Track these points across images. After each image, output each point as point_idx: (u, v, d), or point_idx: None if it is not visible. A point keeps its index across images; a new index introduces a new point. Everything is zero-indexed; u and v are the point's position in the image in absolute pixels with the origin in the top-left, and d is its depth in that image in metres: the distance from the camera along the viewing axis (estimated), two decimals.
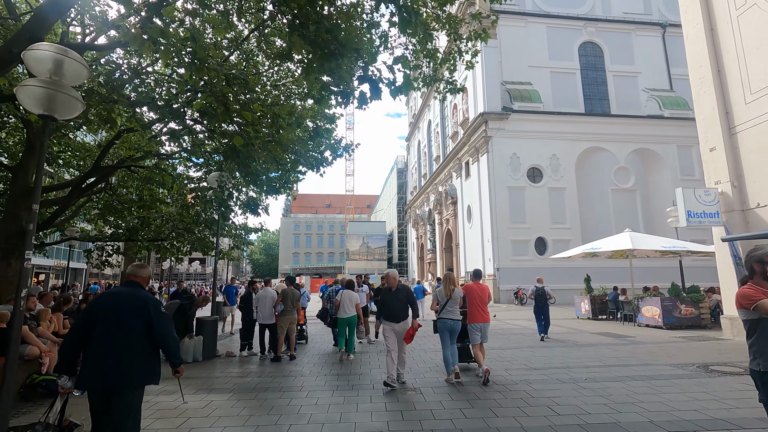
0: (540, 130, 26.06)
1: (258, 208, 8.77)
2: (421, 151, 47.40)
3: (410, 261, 53.50)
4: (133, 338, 2.92)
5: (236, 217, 15.89)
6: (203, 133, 8.55)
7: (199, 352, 7.95)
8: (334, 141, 12.09)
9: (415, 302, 5.95)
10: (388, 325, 5.83)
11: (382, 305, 5.91)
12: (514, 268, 24.32)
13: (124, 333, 2.89)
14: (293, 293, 8.03)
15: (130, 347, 2.88)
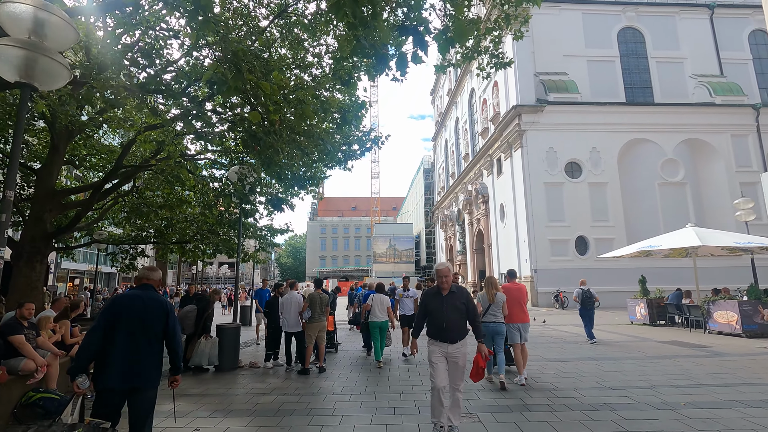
0: (578, 122, 24.45)
1: (282, 203, 7.97)
2: (448, 150, 46.14)
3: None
4: (153, 339, 3.09)
5: (261, 219, 15.29)
6: (216, 113, 7.80)
7: (215, 356, 7.17)
8: (363, 133, 11.22)
9: (477, 314, 4.25)
10: (436, 347, 4.04)
11: (427, 315, 4.23)
12: (553, 270, 22.78)
13: (146, 334, 3.06)
14: (321, 298, 7.14)
15: (150, 347, 3.06)
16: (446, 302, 4.08)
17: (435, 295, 4.20)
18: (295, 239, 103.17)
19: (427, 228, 57.01)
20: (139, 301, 3.12)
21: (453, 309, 4.04)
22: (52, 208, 10.10)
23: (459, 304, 4.07)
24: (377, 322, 7.78)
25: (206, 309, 7.32)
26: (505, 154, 26.80)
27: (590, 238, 23.47)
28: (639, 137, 24.72)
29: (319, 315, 7.07)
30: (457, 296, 4.15)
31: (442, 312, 4.04)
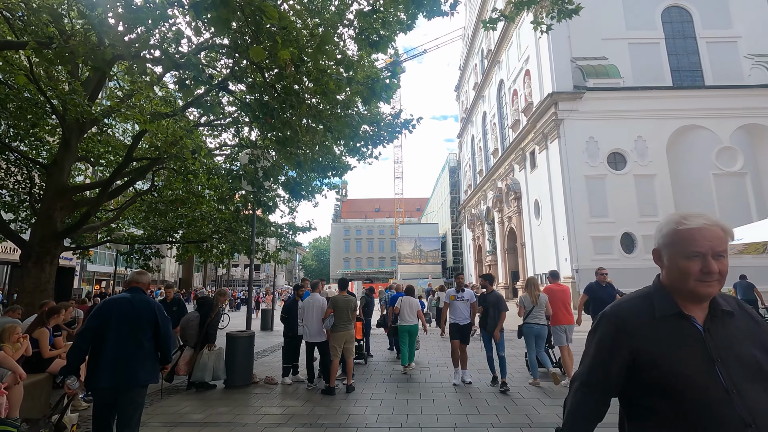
0: (621, 109, 22.50)
1: (299, 188, 6.83)
2: (475, 146, 44.43)
3: (466, 264, 50.38)
4: (144, 340, 3.22)
5: (283, 217, 14.25)
6: (224, 88, 6.73)
7: (221, 370, 6.07)
8: (392, 114, 10.01)
9: None
10: None
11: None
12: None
13: (135, 335, 3.18)
14: (347, 302, 5.93)
15: (139, 347, 3.18)
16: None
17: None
18: (319, 241, 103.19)
19: (454, 228, 55.31)
20: (128, 303, 3.24)
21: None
22: (63, 206, 9.44)
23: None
24: (406, 326, 7.35)
25: (208, 315, 6.23)
26: (539, 147, 25.06)
27: (637, 234, 21.48)
28: (690, 124, 22.54)
29: (345, 322, 5.87)
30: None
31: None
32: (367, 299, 9.22)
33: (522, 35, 28.30)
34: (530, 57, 26.56)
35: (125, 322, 3.15)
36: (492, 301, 5.85)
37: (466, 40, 48.74)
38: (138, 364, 3.12)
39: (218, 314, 6.29)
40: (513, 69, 30.36)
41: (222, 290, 6.60)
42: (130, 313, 3.18)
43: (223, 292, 6.61)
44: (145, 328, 3.21)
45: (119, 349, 3.09)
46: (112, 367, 3.03)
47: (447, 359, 7.30)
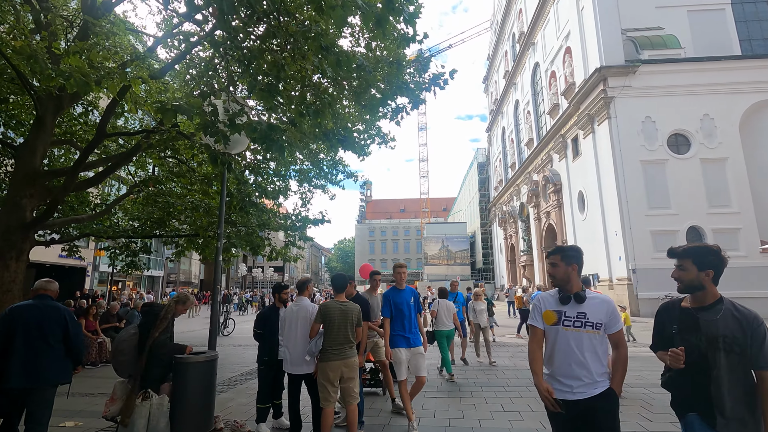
0: (683, 84, 19.41)
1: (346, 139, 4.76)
2: (506, 138, 41.50)
3: (497, 265, 47.33)
4: (53, 342, 3.38)
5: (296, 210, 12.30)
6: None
7: (165, 427, 3.92)
8: (418, 61, 7.89)
9: None
10: None
11: None
12: (658, 270, 17.86)
13: (44, 338, 3.34)
14: (345, 312, 3.72)
15: (50, 350, 3.35)
16: None
17: None
18: (344, 243, 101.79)
19: (483, 227, 52.33)
20: (36, 309, 3.39)
21: None
22: (34, 193, 7.73)
23: None
24: (445, 331, 7.18)
25: (148, 330, 4.10)
26: (584, 131, 22.17)
27: (706, 228, 18.33)
28: None
29: (342, 346, 3.64)
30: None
31: None
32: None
33: (561, 10, 25.48)
34: (571, 33, 23.73)
35: (34, 327, 3.32)
36: None
37: (494, 27, 45.92)
38: (48, 364, 3.31)
39: (167, 331, 4.18)
40: (550, 49, 27.52)
41: (182, 295, 4.47)
42: (38, 317, 3.36)
43: (183, 299, 4.46)
44: (54, 331, 3.39)
45: (28, 352, 3.26)
46: (21, 369, 3.20)
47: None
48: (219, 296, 4.84)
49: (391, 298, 4.55)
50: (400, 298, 4.59)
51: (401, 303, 4.56)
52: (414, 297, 4.71)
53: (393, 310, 4.55)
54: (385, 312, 4.55)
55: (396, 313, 4.55)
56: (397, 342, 4.49)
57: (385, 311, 4.54)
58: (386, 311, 4.54)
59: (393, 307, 4.55)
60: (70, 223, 10.15)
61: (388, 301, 4.54)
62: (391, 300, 4.55)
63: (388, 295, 4.59)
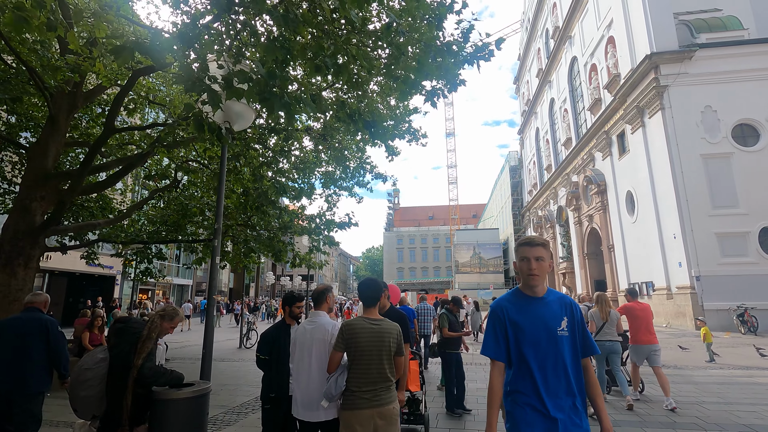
0: (747, 68, 17.35)
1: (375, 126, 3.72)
2: (540, 139, 39.53)
3: None
4: (34, 353, 3.54)
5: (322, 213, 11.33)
6: None
7: None
8: (461, 32, 6.68)
9: None
10: None
11: None
12: (727, 277, 15.84)
13: (26, 349, 3.52)
14: (381, 335, 2.54)
15: (30, 361, 3.51)
16: None
17: None
18: (372, 251, 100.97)
19: (517, 233, 50.07)
20: (19, 322, 3.61)
21: None
22: (45, 196, 7.11)
23: None
24: None
25: (127, 358, 3.03)
26: (632, 125, 20.30)
27: None
28: None
29: (375, 385, 2.47)
30: None
31: None
32: (449, 318, 6.02)
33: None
34: (614, 21, 21.98)
35: (17, 338, 3.52)
36: None
37: (525, 26, 44.24)
38: (28, 373, 3.47)
39: (151, 356, 3.12)
40: (590, 41, 25.75)
41: (170, 309, 3.41)
42: (20, 330, 3.56)
43: (171, 313, 3.39)
44: (35, 343, 3.56)
45: (10, 361, 3.45)
46: (5, 377, 3.40)
47: None
48: (215, 305, 3.78)
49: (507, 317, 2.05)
50: (533, 317, 2.00)
51: (537, 331, 1.97)
52: (575, 316, 2.03)
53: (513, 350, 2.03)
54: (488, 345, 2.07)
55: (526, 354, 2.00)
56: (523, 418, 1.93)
57: (490, 343, 2.05)
58: (491, 343, 2.04)
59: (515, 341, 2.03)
60: (86, 228, 9.49)
61: (501, 324, 2.04)
62: (505, 318, 2.04)
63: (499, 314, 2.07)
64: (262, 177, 7.62)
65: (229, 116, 4.04)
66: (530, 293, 2.04)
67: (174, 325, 3.39)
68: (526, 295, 2.05)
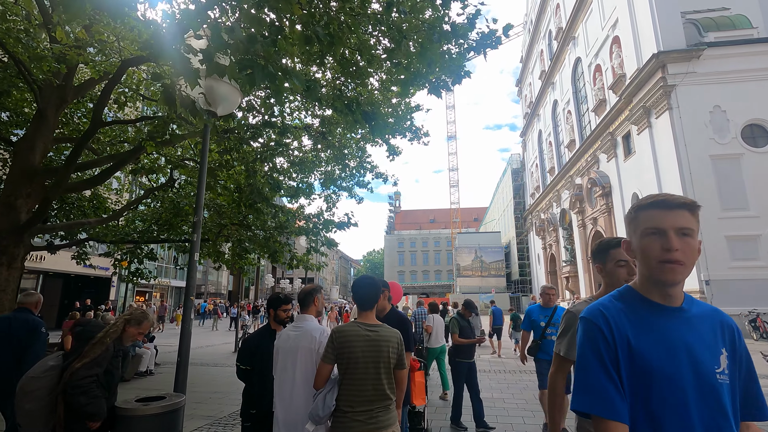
0: (757, 68, 16.96)
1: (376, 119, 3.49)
2: (543, 142, 39.15)
3: (535, 276, 44.49)
4: (19, 353, 3.52)
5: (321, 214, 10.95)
6: None
7: None
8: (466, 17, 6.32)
9: None
10: None
11: None
12: (737, 281, 15.38)
13: (13, 351, 3.50)
14: (378, 344, 2.13)
15: (13, 360, 3.48)
16: None
17: None
18: (373, 254, 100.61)
19: (519, 236, 49.61)
20: (7, 322, 3.61)
21: None
22: (31, 193, 6.78)
23: None
24: (437, 348, 7.01)
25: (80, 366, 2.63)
26: (638, 126, 19.89)
27: None
28: None
29: (369, 404, 2.06)
30: None
31: None
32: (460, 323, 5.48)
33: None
34: (619, 20, 21.64)
35: (3, 338, 3.51)
36: None
37: (528, 28, 43.97)
38: (12, 373, 3.33)
39: (100, 364, 2.69)
40: (594, 41, 25.40)
41: (137, 313, 2.98)
42: (6, 329, 3.54)
43: (138, 318, 2.95)
44: (19, 343, 3.53)
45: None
46: None
47: None
48: (192, 306, 3.34)
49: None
50: (668, 343, 1.10)
51: (677, 370, 1.07)
52: (738, 349, 1.19)
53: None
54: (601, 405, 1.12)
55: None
56: None
57: (595, 387, 1.10)
58: (598, 387, 1.09)
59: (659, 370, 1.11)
60: (75, 227, 9.12)
61: (610, 351, 1.12)
62: (617, 340, 1.12)
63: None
64: (256, 173, 7.21)
65: (212, 98, 3.65)
66: (660, 298, 1.13)
67: (143, 330, 2.97)
68: (651, 301, 1.14)
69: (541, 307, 4.65)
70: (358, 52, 5.98)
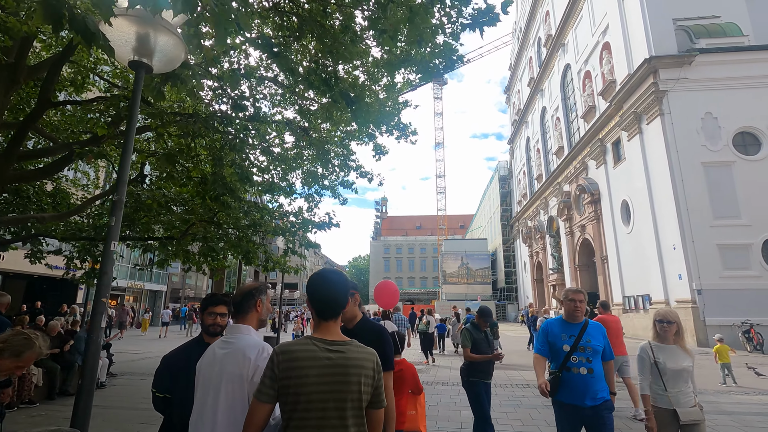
0: (748, 75, 16.81)
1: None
2: (531, 149, 38.99)
3: (521, 284, 44.15)
4: None
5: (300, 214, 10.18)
6: None
7: None
8: None
9: None
10: None
11: None
12: (729, 291, 15.02)
13: None
14: (341, 367, 1.39)
15: None
16: None
17: None
18: (358, 260, 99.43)
19: (505, 244, 49.31)
20: None
21: None
22: None
23: None
24: None
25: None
26: (628, 132, 19.61)
27: None
28: None
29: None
30: None
31: None
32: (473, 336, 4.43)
33: (596, 4, 23.32)
34: (610, 26, 21.47)
35: None
36: None
37: (517, 35, 44.03)
38: None
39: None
40: (584, 48, 25.25)
41: (15, 340, 2.13)
42: None
43: (18, 348, 2.08)
44: None
45: None
46: None
47: None
48: (105, 312, 2.51)
49: None
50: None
51: None
52: None
53: None
54: None
55: None
56: None
57: None
58: None
59: None
60: (24, 221, 8.13)
61: None
62: None
63: None
64: (222, 160, 6.38)
65: (145, 48, 2.87)
66: None
67: (22, 364, 2.14)
68: None
69: (563, 321, 3.16)
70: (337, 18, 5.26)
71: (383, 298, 8.16)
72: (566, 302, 3.17)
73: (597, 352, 2.97)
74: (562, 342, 3.05)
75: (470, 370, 4.31)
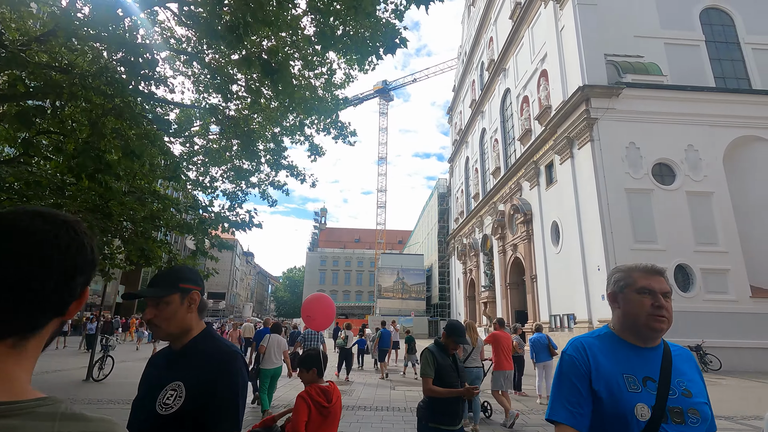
0: (666, 112, 18.14)
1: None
2: (470, 168, 39.97)
3: (454, 301, 44.67)
4: None
5: (222, 211, 8.94)
6: None
7: None
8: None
9: None
10: None
11: None
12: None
13: None
14: None
15: None
16: None
17: None
18: (293, 272, 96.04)
19: (441, 260, 49.90)
20: None
21: None
22: None
23: None
24: (271, 369, 6.83)
25: None
26: (561, 156, 20.37)
27: (694, 267, 16.52)
28: (753, 134, 18.30)
29: None
30: None
31: None
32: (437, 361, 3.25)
33: (536, 33, 24.41)
34: (548, 55, 22.45)
35: None
36: None
37: (462, 59, 45.52)
38: None
39: None
40: (523, 74, 26.29)
41: None
42: None
43: None
44: None
45: None
46: None
47: None
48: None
49: None
50: None
51: None
52: None
53: None
54: None
55: None
56: None
57: None
58: None
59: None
60: None
61: None
62: None
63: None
64: (102, 130, 5.04)
65: None
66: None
67: None
68: None
69: (619, 340, 1.47)
70: None
71: (316, 318, 5.09)
72: (632, 294, 1.44)
73: (706, 418, 1.29)
74: (629, 393, 1.31)
75: (431, 410, 3.12)
